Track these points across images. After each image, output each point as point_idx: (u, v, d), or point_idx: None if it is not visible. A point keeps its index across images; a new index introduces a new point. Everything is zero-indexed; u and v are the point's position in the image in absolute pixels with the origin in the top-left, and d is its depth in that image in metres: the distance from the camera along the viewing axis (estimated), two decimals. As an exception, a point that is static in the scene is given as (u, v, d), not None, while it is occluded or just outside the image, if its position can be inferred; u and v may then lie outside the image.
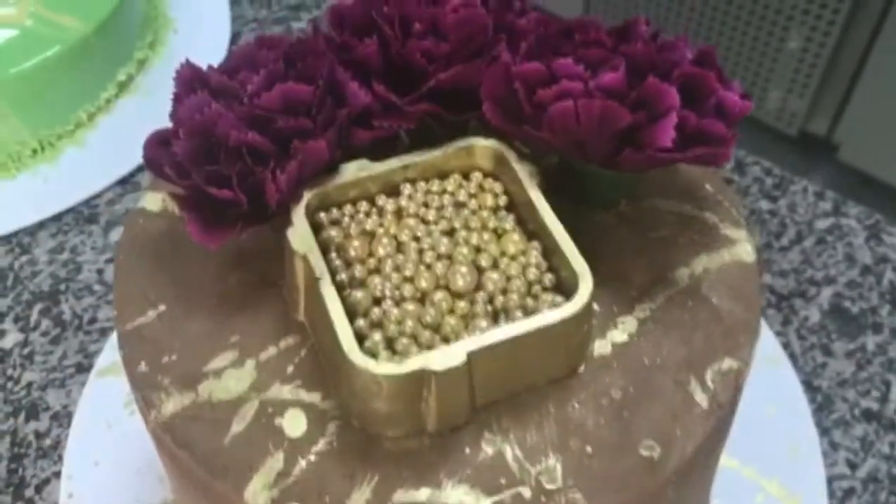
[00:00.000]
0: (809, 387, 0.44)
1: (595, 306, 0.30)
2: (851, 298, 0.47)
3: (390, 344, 0.26)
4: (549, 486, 0.26)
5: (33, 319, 0.46)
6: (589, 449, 0.27)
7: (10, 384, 0.44)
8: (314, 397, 0.28)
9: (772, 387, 0.43)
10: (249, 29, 0.61)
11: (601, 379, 0.28)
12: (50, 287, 0.47)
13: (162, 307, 0.30)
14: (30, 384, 0.43)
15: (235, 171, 0.27)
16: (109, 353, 0.44)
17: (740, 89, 0.29)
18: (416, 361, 0.25)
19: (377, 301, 0.27)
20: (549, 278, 0.28)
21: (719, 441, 0.30)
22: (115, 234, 0.49)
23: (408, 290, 0.27)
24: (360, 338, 0.26)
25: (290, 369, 0.28)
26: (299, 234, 0.27)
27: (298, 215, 0.28)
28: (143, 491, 0.39)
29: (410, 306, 0.27)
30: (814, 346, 0.45)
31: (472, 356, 0.25)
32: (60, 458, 0.41)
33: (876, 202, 0.47)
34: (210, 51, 0.58)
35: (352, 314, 0.27)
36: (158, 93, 0.56)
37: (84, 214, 0.50)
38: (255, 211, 0.27)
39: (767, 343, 0.45)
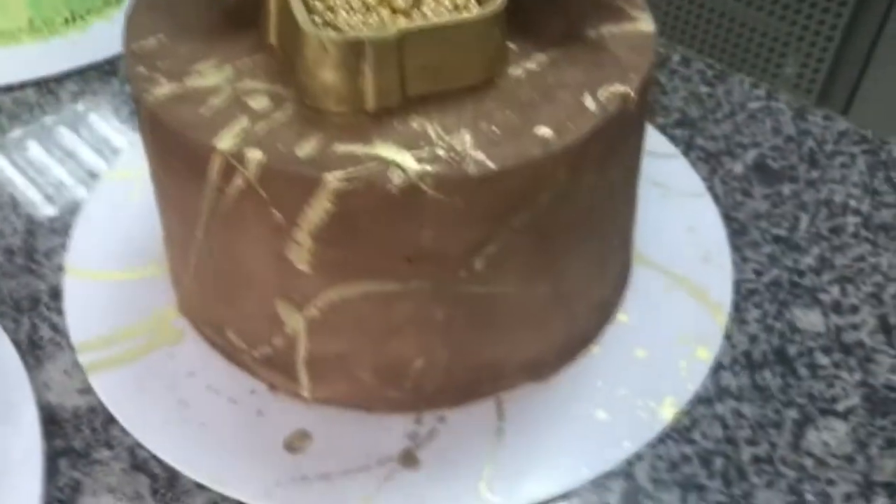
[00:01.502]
0: (728, 217, 0.49)
1: (513, 46, 0.36)
2: (773, 158, 0.53)
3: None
4: (459, 148, 0.32)
5: (56, 142, 0.53)
6: (495, 128, 0.33)
7: (30, 184, 0.50)
8: (277, 88, 0.34)
9: (694, 213, 0.49)
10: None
11: (512, 89, 0.35)
12: (71, 120, 0.54)
13: (161, 35, 0.37)
14: (48, 182, 0.50)
15: None
16: (120, 163, 0.50)
17: None
18: (355, 33, 0.32)
19: (331, 9, 0.34)
20: (473, 3, 0.34)
21: (608, 150, 0.35)
22: (131, 82, 0.56)
23: (357, 3, 0.34)
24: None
25: (259, 72, 0.35)
26: (272, -46, 0.34)
27: (272, -58, 0.35)
28: (138, 258, 0.45)
29: (358, 14, 0.34)
30: (735, 190, 0.51)
31: (401, 38, 0.32)
32: (68, 235, 0.47)
33: None
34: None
35: (311, 16, 0.33)
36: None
37: (106, 69, 0.58)
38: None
39: (692, 182, 0.51)
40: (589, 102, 0.34)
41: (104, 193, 0.49)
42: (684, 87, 0.58)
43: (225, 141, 0.32)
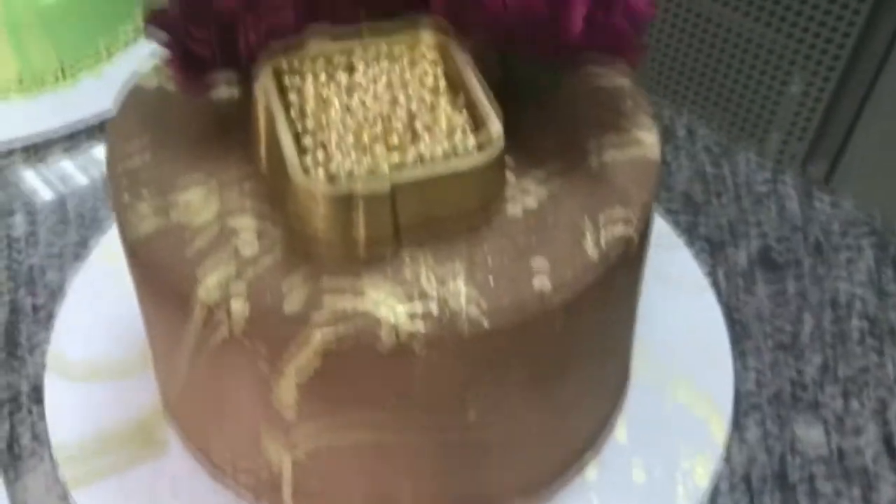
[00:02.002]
0: (730, 318, 0.48)
1: (511, 178, 0.35)
2: (778, 250, 0.52)
3: (331, 181, 0.31)
4: (453, 302, 0.31)
5: (41, 215, 0.51)
6: (491, 280, 0.32)
7: (13, 265, 0.49)
8: (265, 226, 0.33)
9: (695, 315, 0.48)
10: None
11: (509, 231, 0.33)
12: (56, 192, 0.53)
13: (146, 156, 0.35)
14: (31, 266, 0.49)
15: (212, 27, 0.33)
16: (105, 242, 0.49)
17: None
18: (348, 185, 0.30)
19: (324, 147, 0.32)
20: (471, 144, 0.33)
21: (610, 301, 0.34)
22: (121, 150, 0.55)
23: (351, 141, 0.32)
24: (307, 174, 0.31)
25: (247, 203, 0.33)
26: (262, 86, 0.33)
27: (265, 71, 0.33)
28: (123, 351, 0.44)
29: (352, 154, 0.32)
30: (738, 286, 0.50)
31: (395, 187, 0.30)
32: (52, 327, 0.46)
33: None
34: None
35: (302, 158, 0.32)
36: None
37: (96, 130, 0.56)
38: (228, 56, 0.33)
39: (695, 277, 0.49)
40: (589, 247, 0.33)
41: (88, 278, 0.48)
42: (689, 165, 0.57)
43: (210, 291, 0.31)
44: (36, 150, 0.55)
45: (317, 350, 0.30)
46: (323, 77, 0.35)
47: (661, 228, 0.52)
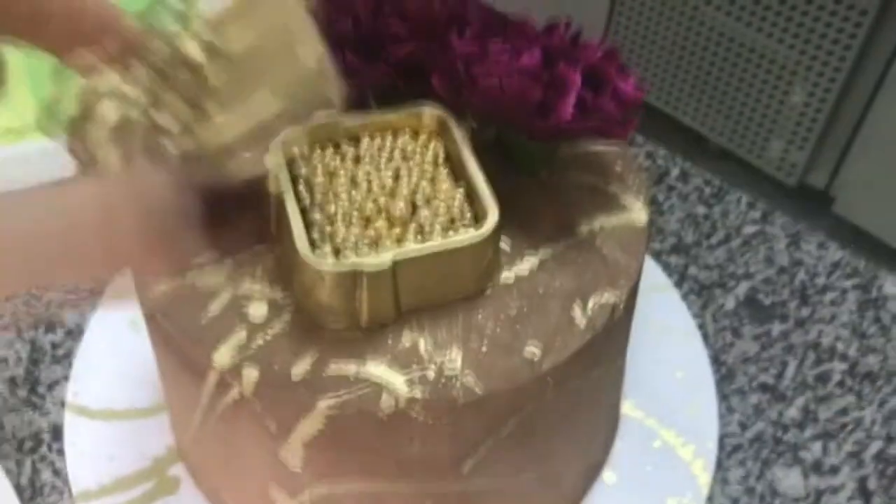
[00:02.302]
0: (716, 361, 0.50)
1: (506, 246, 0.37)
2: (765, 292, 0.54)
3: (337, 254, 0.34)
4: (449, 370, 0.33)
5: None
6: (484, 348, 0.34)
7: (32, 301, 0.51)
8: (275, 293, 0.35)
9: (683, 357, 0.50)
10: None
11: (503, 299, 0.35)
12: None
13: (164, 220, 0.38)
14: (49, 302, 0.51)
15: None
16: (119, 282, 0.51)
17: (635, 81, 0.37)
18: (352, 262, 0.32)
19: (331, 221, 0.34)
20: (468, 216, 0.35)
21: (597, 364, 0.37)
22: (135, 189, 0.57)
23: (355, 215, 0.35)
24: (314, 247, 0.33)
25: (258, 270, 0.36)
26: (274, 160, 0.35)
27: (275, 147, 0.35)
28: (138, 396, 0.46)
29: (356, 227, 0.34)
30: (725, 329, 0.52)
31: (396, 263, 0.33)
32: (70, 366, 0.48)
33: (870, 255, 0.53)
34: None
35: (309, 229, 0.34)
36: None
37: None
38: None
39: (684, 321, 0.52)
40: (578, 315, 0.35)
41: (105, 318, 0.50)
42: (681, 206, 0.59)
43: (223, 357, 0.33)
44: (53, 189, 0.57)
45: (321, 415, 0.32)
46: (330, 149, 0.37)
47: (652, 271, 0.54)
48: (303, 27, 0.32)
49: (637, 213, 0.39)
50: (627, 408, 0.47)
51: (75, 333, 0.50)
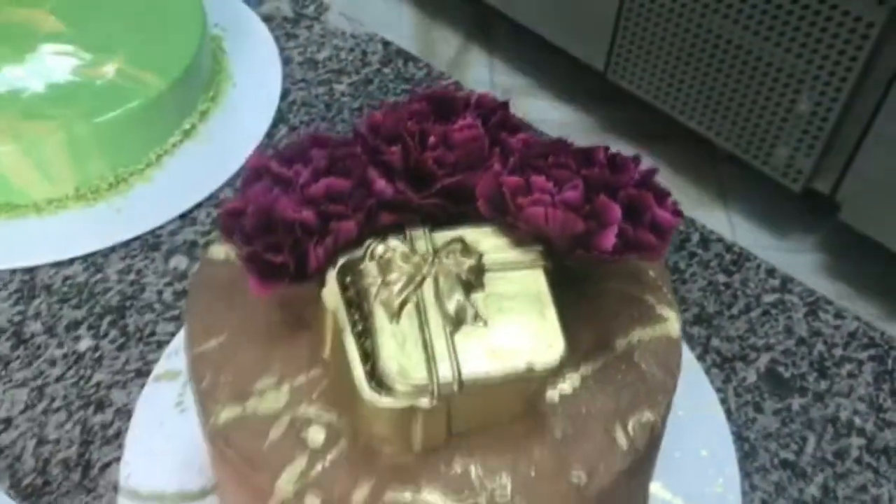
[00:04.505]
0: (739, 437, 0.52)
1: (550, 364, 0.39)
2: (785, 364, 0.56)
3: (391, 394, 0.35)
4: (499, 498, 0.35)
5: (103, 329, 0.55)
6: (533, 473, 0.36)
7: (81, 382, 0.53)
8: (332, 417, 0.37)
9: (708, 434, 0.52)
10: (298, 87, 0.71)
11: (548, 421, 0.37)
12: (118, 302, 0.57)
13: (222, 337, 0.40)
14: (98, 383, 0.53)
15: (287, 242, 0.36)
16: (164, 362, 0.53)
17: (672, 207, 0.38)
18: (409, 398, 0.34)
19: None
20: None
21: (637, 476, 0.39)
22: (175, 261, 0.59)
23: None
24: (370, 375, 0.35)
25: (315, 394, 0.38)
26: (331, 294, 0.37)
27: (331, 279, 0.37)
28: (187, 479, 0.48)
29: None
30: (747, 403, 0.54)
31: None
32: (121, 446, 0.50)
33: (873, 261, 0.54)
34: (262, 106, 0.68)
35: (364, 355, 0.36)
36: (217, 140, 0.66)
37: (149, 242, 0.60)
38: (299, 272, 0.37)
39: (709, 397, 0.54)
40: (620, 437, 0.37)
41: (153, 398, 0.52)
42: (702, 274, 0.60)
43: (285, 484, 0.35)
44: (94, 261, 0.59)
45: (380, 541, 0.34)
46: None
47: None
48: None
49: (671, 323, 0.41)
50: (655, 488, 0.49)
51: (124, 413, 0.52)
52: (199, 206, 0.62)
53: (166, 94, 0.62)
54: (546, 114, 1.71)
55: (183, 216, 0.61)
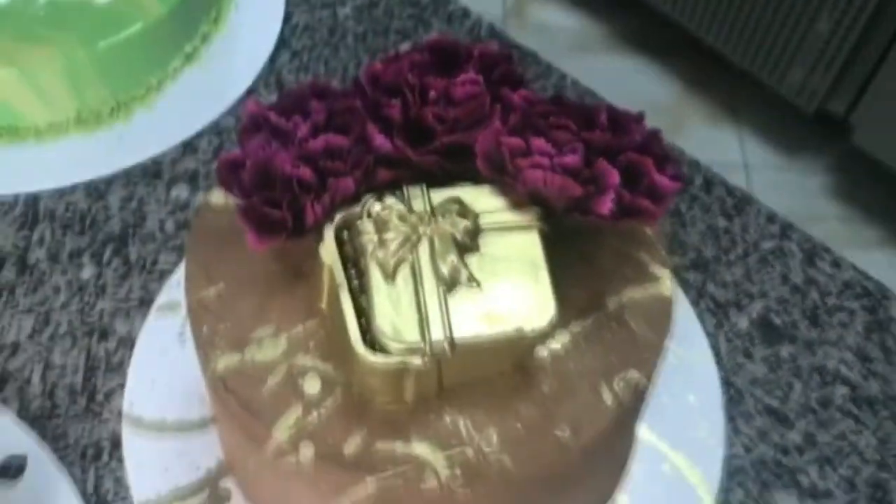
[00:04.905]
0: (727, 382, 0.54)
1: (542, 321, 0.39)
2: (777, 312, 0.57)
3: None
4: (486, 449, 0.36)
5: (106, 257, 0.56)
6: (519, 427, 0.37)
7: (86, 309, 0.54)
8: (327, 367, 0.38)
9: (696, 380, 0.53)
10: (301, 10, 0.69)
11: (536, 378, 0.38)
12: (120, 231, 0.57)
13: (221, 285, 0.40)
14: (102, 311, 0.54)
15: (286, 198, 0.37)
16: (167, 293, 0.54)
17: (672, 171, 0.38)
18: (401, 357, 0.35)
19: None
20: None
21: (621, 431, 0.40)
22: (176, 190, 0.59)
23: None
24: (364, 330, 0.36)
25: (311, 344, 0.39)
26: (328, 249, 0.37)
27: (328, 235, 0.37)
28: (188, 408, 0.50)
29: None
30: (737, 349, 0.55)
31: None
32: (125, 374, 0.52)
33: (880, 186, 0.54)
34: (265, 29, 0.67)
35: (359, 311, 0.37)
36: (218, 64, 0.65)
37: (150, 170, 0.60)
38: (297, 228, 0.37)
39: (700, 343, 0.55)
40: (606, 394, 0.38)
41: (156, 328, 0.53)
42: (703, 218, 0.61)
43: (281, 431, 0.36)
44: (96, 187, 0.59)
45: (370, 488, 0.36)
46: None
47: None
48: None
49: (664, 282, 0.42)
50: (642, 430, 0.51)
51: (127, 342, 0.53)
52: (200, 134, 0.61)
53: (167, 18, 0.61)
54: (561, 20, 1.67)
55: (185, 144, 0.61)
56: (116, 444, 0.49)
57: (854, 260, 0.59)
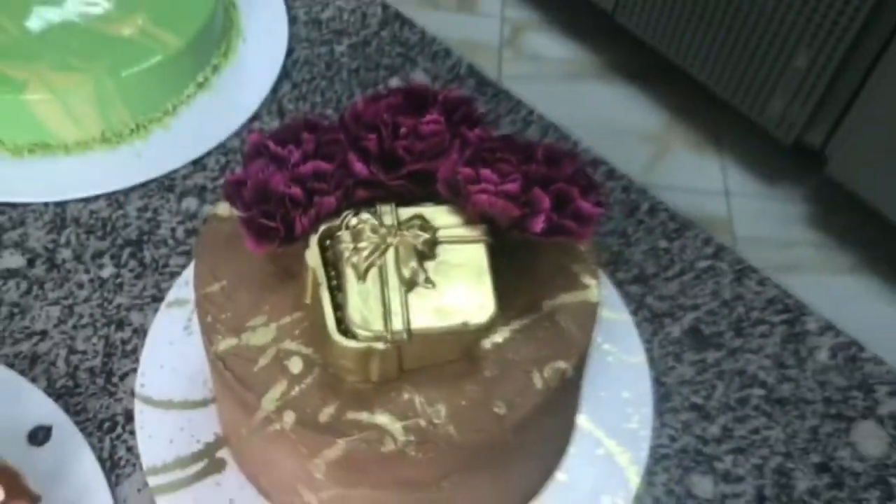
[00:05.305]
0: (658, 382, 0.62)
1: (487, 319, 0.48)
2: (706, 322, 0.65)
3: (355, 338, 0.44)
4: (436, 421, 0.45)
5: (124, 259, 0.65)
6: (464, 403, 0.45)
7: (105, 303, 0.63)
8: (308, 351, 0.47)
9: (631, 379, 0.61)
10: (302, 46, 0.78)
11: (480, 364, 0.47)
12: (136, 236, 0.66)
13: (224, 282, 0.49)
14: (119, 305, 0.63)
15: (279, 212, 0.45)
16: (175, 291, 0.63)
17: (594, 200, 0.47)
18: (368, 344, 0.44)
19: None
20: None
21: (550, 412, 0.48)
22: (187, 202, 0.68)
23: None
24: (339, 320, 0.44)
25: (296, 332, 0.47)
26: (312, 255, 0.46)
27: (313, 243, 0.46)
28: (191, 390, 0.58)
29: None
30: (669, 354, 0.63)
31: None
32: (137, 360, 0.60)
33: (857, 216, 0.61)
34: (269, 62, 0.76)
35: (336, 305, 0.45)
36: (227, 92, 0.74)
37: (165, 184, 0.69)
38: (287, 236, 0.46)
39: (636, 348, 0.63)
40: (536, 380, 0.46)
41: (165, 321, 0.61)
42: (646, 239, 0.69)
43: (269, 402, 0.45)
44: (117, 198, 0.68)
45: (340, 450, 0.44)
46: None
47: (615, 299, 0.65)
48: None
49: (592, 290, 0.50)
50: (582, 420, 0.59)
51: (140, 332, 0.61)
52: (209, 153, 0.70)
53: (183, 51, 0.69)
54: (553, 51, 1.76)
55: (195, 162, 0.70)
56: (129, 418, 0.58)
57: (827, 284, 0.67)
